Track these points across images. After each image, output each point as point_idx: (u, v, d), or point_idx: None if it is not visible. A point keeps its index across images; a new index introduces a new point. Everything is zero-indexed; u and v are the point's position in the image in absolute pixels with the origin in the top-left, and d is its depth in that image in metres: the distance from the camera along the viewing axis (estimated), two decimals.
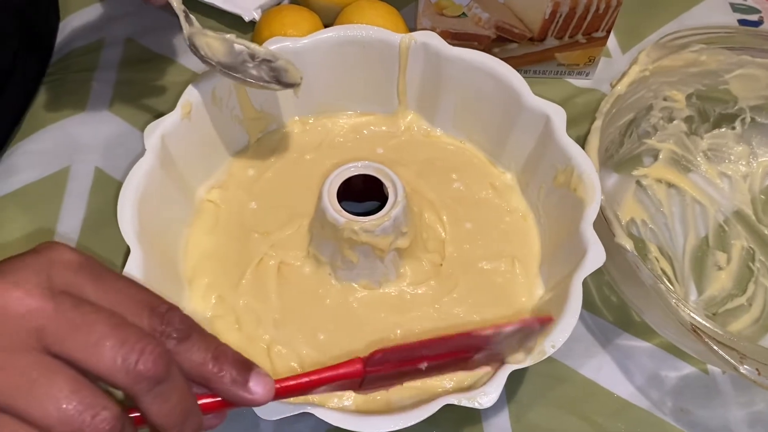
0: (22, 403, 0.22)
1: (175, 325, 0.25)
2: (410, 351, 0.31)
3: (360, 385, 0.31)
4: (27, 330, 0.23)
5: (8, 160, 0.52)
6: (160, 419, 0.24)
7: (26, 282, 0.23)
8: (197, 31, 0.43)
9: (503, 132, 0.46)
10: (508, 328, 0.32)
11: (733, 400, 0.43)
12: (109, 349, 0.23)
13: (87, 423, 0.23)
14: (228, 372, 0.26)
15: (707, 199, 0.51)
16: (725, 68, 0.49)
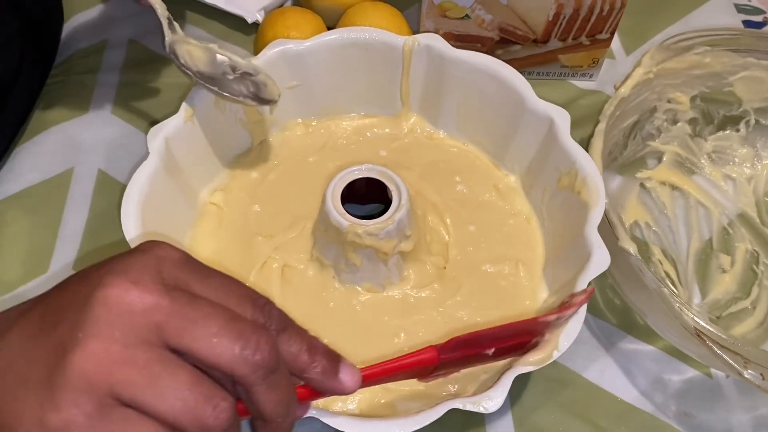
0: (147, 397, 0.23)
1: (275, 318, 0.27)
2: (481, 338, 0.33)
3: (431, 372, 0.32)
4: (147, 326, 0.24)
5: (11, 162, 0.52)
6: (270, 407, 0.26)
7: (142, 280, 0.24)
8: (180, 39, 0.43)
9: (507, 134, 0.46)
10: (570, 311, 0.34)
11: (737, 404, 0.43)
12: (228, 341, 0.24)
13: (209, 414, 0.24)
14: (320, 362, 0.27)
15: (711, 202, 0.51)
16: (730, 70, 0.49)
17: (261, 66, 0.45)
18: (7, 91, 0.53)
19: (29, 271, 0.47)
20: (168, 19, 0.42)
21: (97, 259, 0.47)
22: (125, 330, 0.24)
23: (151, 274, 0.25)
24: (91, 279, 0.25)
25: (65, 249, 0.48)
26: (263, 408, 0.25)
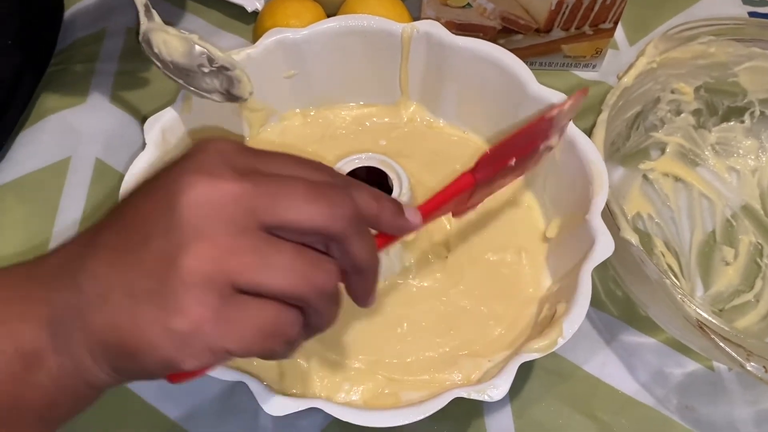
0: (263, 277, 0.24)
1: (341, 176, 0.28)
2: (503, 149, 0.35)
3: (468, 198, 0.35)
4: (242, 213, 0.24)
5: (9, 150, 0.52)
6: (365, 255, 0.27)
7: (218, 172, 0.25)
8: (156, 27, 0.42)
9: (507, 122, 0.46)
10: (566, 106, 0.37)
11: (739, 397, 0.42)
12: (317, 205, 0.25)
13: (320, 276, 0.25)
14: (388, 206, 0.29)
15: (715, 194, 0.50)
16: (734, 60, 0.48)
17: (257, 54, 0.45)
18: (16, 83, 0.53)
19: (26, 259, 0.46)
20: (145, 6, 0.42)
21: None
22: (222, 223, 0.24)
23: (224, 165, 0.25)
24: (164, 187, 0.25)
25: (62, 236, 0.47)
26: (360, 257, 0.26)
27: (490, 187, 0.36)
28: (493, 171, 0.35)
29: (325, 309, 0.26)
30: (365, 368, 0.39)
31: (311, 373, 0.39)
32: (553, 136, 0.38)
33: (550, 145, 0.38)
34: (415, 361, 0.39)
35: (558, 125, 0.38)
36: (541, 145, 0.38)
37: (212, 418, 0.40)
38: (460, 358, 0.39)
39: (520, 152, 0.36)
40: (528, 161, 0.38)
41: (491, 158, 0.34)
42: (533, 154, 0.38)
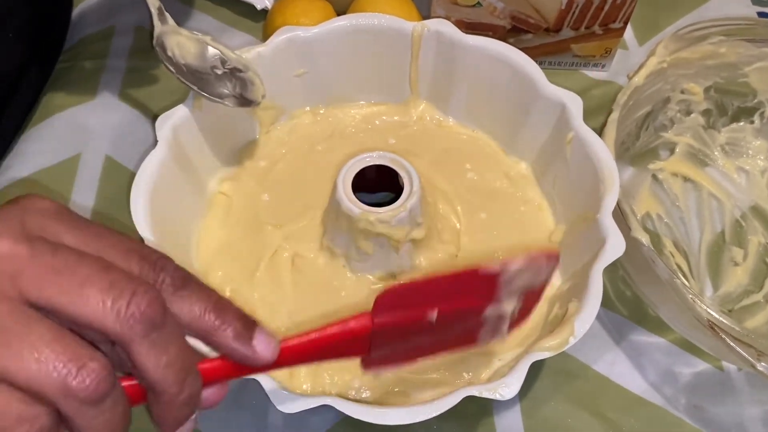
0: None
1: (169, 273, 0.23)
2: (417, 292, 0.28)
3: (369, 350, 0.28)
4: (4, 278, 0.21)
5: (19, 146, 0.52)
6: (157, 374, 0.22)
7: (3, 229, 0.21)
8: (170, 30, 0.42)
9: (518, 121, 0.46)
10: (515, 264, 0.29)
11: (748, 397, 0.42)
12: (96, 291, 0.21)
13: (73, 375, 0.20)
14: (231, 325, 0.24)
15: (724, 194, 0.50)
16: (744, 61, 0.48)
17: (267, 53, 0.45)
18: (20, 78, 0.53)
19: None
20: (158, 9, 0.42)
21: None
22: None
23: (11, 223, 0.22)
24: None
25: None
26: (150, 374, 0.22)
27: (404, 341, 0.29)
28: (401, 319, 0.28)
29: (80, 419, 0.21)
30: None
31: (321, 371, 0.39)
32: (504, 300, 0.30)
33: (502, 313, 0.30)
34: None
35: (510, 287, 0.30)
36: (486, 307, 0.30)
37: (222, 415, 0.40)
38: (470, 357, 0.39)
39: (444, 305, 0.28)
40: (464, 321, 0.30)
41: (395, 297, 0.28)
42: (470, 315, 0.30)
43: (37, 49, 0.55)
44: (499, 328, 0.30)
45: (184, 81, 0.41)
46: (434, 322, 0.28)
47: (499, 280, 0.29)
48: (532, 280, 0.30)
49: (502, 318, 0.30)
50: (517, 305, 0.30)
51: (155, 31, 0.41)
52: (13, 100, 0.52)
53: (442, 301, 0.28)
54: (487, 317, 0.30)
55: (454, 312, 0.29)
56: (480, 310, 0.30)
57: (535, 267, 0.30)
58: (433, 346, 0.30)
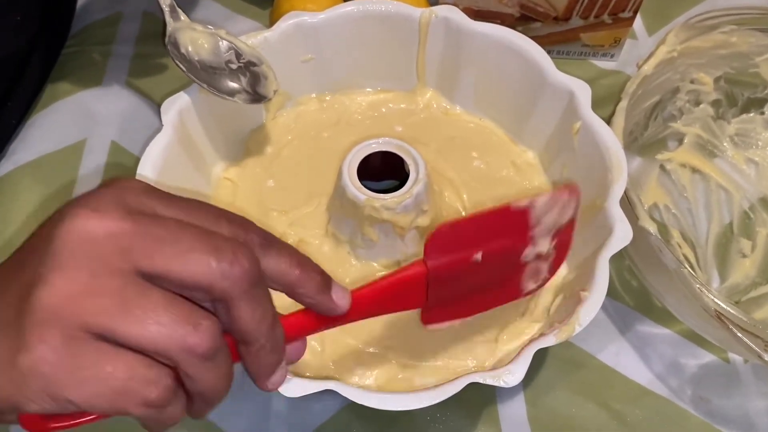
0: (120, 325, 0.22)
1: (256, 234, 0.25)
2: (461, 233, 0.30)
3: (426, 297, 0.30)
4: (113, 252, 0.22)
5: (25, 131, 0.52)
6: (252, 325, 0.24)
7: (103, 207, 0.23)
8: (184, 26, 0.41)
9: (525, 109, 0.45)
10: (541, 200, 0.30)
11: (754, 389, 0.42)
12: (201, 255, 0.23)
13: (190, 334, 0.22)
14: (313, 279, 0.26)
15: (733, 186, 0.50)
16: (756, 50, 0.48)
17: (274, 38, 0.44)
18: (26, 62, 0.53)
19: None
20: (170, 6, 0.41)
21: None
22: (90, 259, 0.22)
23: (112, 202, 0.23)
24: (54, 217, 0.24)
25: None
26: (244, 325, 0.24)
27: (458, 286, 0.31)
28: (454, 263, 0.30)
29: (198, 373, 0.23)
30: (379, 353, 0.39)
31: (325, 357, 0.39)
32: (538, 239, 0.31)
33: (539, 253, 0.32)
34: (429, 347, 0.39)
35: (540, 225, 0.31)
36: (524, 248, 0.31)
37: (226, 401, 0.40)
38: (474, 345, 0.39)
39: (487, 246, 0.30)
40: (506, 263, 0.32)
41: (442, 239, 0.29)
42: (510, 256, 0.31)
43: (44, 33, 0.55)
44: (538, 273, 0.32)
45: (196, 80, 0.41)
46: (480, 262, 0.30)
47: (529, 217, 0.30)
48: (559, 217, 0.31)
49: (540, 261, 0.32)
50: (551, 247, 0.32)
51: (168, 28, 0.41)
52: (18, 85, 0.52)
53: (484, 241, 0.30)
54: (526, 259, 0.31)
55: (497, 252, 0.30)
56: (518, 250, 0.31)
57: (560, 202, 0.31)
58: (484, 297, 0.32)
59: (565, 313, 0.35)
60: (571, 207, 0.32)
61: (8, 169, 0.50)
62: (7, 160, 0.50)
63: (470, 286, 0.31)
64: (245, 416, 0.40)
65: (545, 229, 0.31)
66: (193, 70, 0.41)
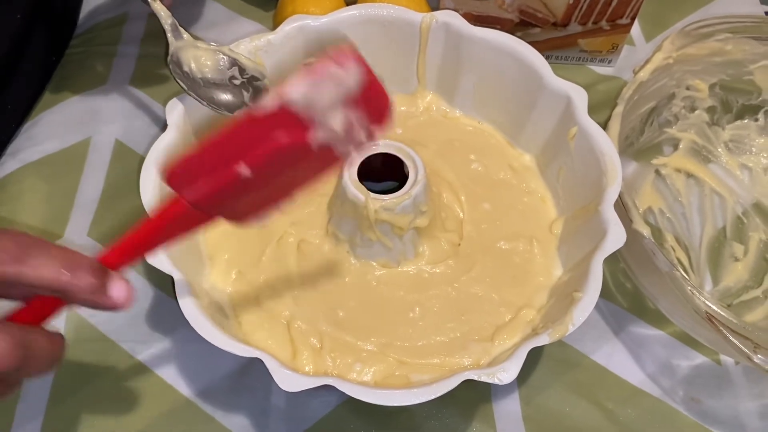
0: None
1: (7, 248, 0.25)
2: (209, 155, 0.27)
3: (208, 214, 0.28)
4: None
5: (31, 130, 0.53)
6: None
7: None
8: (187, 44, 0.42)
9: (523, 113, 0.46)
10: (294, 87, 0.25)
11: (745, 391, 0.43)
12: None
13: None
14: (85, 280, 0.26)
15: (726, 191, 0.50)
16: (750, 58, 0.49)
17: (277, 41, 0.45)
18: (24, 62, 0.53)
19: (46, 236, 0.47)
20: (172, 25, 0.42)
21: (110, 225, 0.48)
22: None
23: None
24: None
25: (81, 215, 0.48)
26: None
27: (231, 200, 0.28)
28: (215, 185, 0.27)
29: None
30: (377, 350, 0.40)
31: (324, 353, 0.39)
32: (323, 119, 0.26)
33: (336, 128, 0.26)
34: (425, 345, 0.40)
35: (316, 106, 0.26)
36: (303, 137, 0.26)
37: (226, 396, 0.41)
38: (470, 343, 0.40)
39: (248, 157, 0.27)
40: (295, 157, 0.27)
41: (185, 171, 0.27)
42: (293, 151, 0.27)
43: (47, 31, 0.55)
44: (354, 137, 0.27)
45: (197, 98, 0.41)
46: (252, 175, 0.27)
47: (289, 111, 0.26)
48: (339, 90, 0.26)
49: (347, 130, 0.27)
50: (351, 114, 0.27)
51: (170, 47, 0.41)
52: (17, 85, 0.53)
53: (245, 154, 0.27)
54: (322, 140, 0.27)
55: (266, 157, 0.27)
56: (297, 143, 0.27)
57: (326, 78, 0.26)
58: (290, 185, 0.29)
59: (559, 313, 0.36)
60: (352, 75, 0.26)
61: (14, 167, 0.51)
62: (13, 159, 0.51)
63: (262, 190, 0.28)
64: (244, 411, 0.41)
65: (327, 107, 0.26)
66: (194, 87, 0.41)
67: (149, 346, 0.43)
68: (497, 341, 0.40)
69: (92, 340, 0.43)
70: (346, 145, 0.28)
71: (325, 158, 0.28)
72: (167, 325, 0.43)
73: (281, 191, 0.29)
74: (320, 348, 0.40)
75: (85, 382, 0.41)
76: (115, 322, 0.44)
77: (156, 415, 0.41)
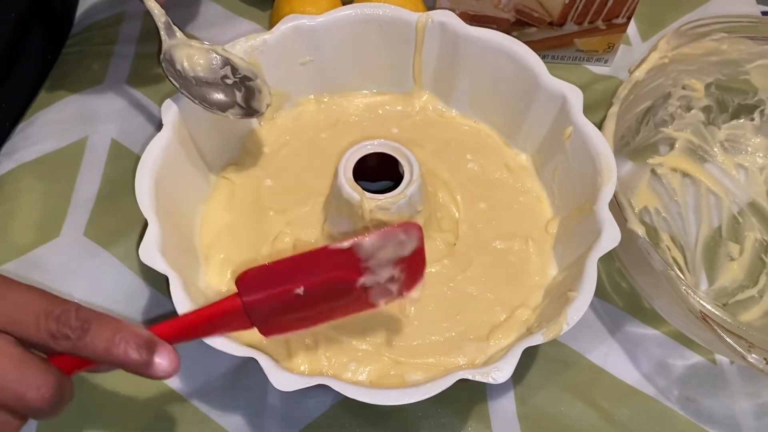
0: None
1: (70, 324, 0.28)
2: (278, 271, 0.32)
3: (251, 321, 0.32)
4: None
5: (27, 130, 0.53)
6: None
7: None
8: (179, 43, 0.42)
9: (519, 113, 0.46)
10: (368, 240, 0.32)
11: (740, 390, 0.43)
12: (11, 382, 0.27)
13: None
14: (133, 353, 0.29)
15: (722, 190, 0.51)
16: (746, 58, 0.49)
17: (273, 40, 0.45)
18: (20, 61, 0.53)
19: (42, 235, 0.47)
20: (166, 24, 0.42)
21: (106, 224, 0.48)
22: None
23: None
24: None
25: (77, 214, 0.48)
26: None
27: (283, 314, 0.33)
28: (272, 296, 0.32)
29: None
30: (372, 350, 0.40)
31: (319, 353, 0.39)
32: (376, 270, 0.33)
33: (380, 279, 0.33)
34: (421, 345, 0.40)
35: (375, 258, 0.32)
36: (356, 278, 0.33)
37: (221, 396, 0.41)
38: (465, 343, 0.40)
39: (308, 280, 0.32)
40: (339, 291, 0.33)
41: (254, 278, 0.31)
42: (341, 285, 0.33)
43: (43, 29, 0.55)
44: (389, 291, 0.34)
45: (189, 96, 0.41)
46: (303, 294, 0.32)
47: (356, 254, 0.32)
48: (397, 251, 0.33)
49: (386, 283, 0.33)
50: (396, 272, 0.33)
51: (163, 45, 0.41)
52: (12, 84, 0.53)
53: (306, 277, 0.32)
54: (366, 284, 0.33)
55: (321, 285, 0.32)
56: (348, 280, 0.33)
57: (394, 240, 0.32)
58: (323, 314, 0.34)
59: (554, 312, 0.36)
60: (411, 243, 0.33)
61: (10, 167, 0.51)
62: (9, 158, 0.51)
63: (301, 310, 0.33)
64: (240, 411, 0.41)
65: (382, 262, 0.33)
66: (187, 86, 0.41)
67: None
68: (492, 341, 0.40)
69: None
70: (380, 294, 0.34)
71: (360, 301, 0.34)
72: None
73: (314, 318, 0.34)
74: (315, 347, 0.40)
75: (81, 381, 0.41)
76: None
77: (152, 415, 0.41)
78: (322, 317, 0.34)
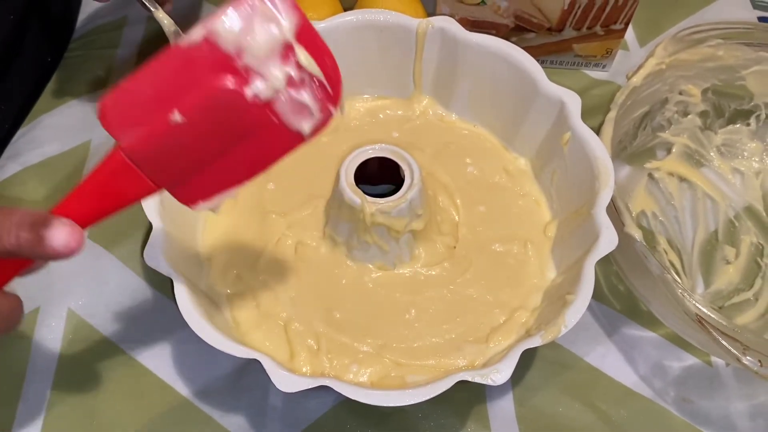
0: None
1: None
2: (139, 98, 0.25)
3: (147, 176, 0.27)
4: None
5: (30, 133, 0.53)
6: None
7: None
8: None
9: (518, 117, 0.47)
10: (223, 17, 0.24)
11: (735, 392, 0.43)
12: None
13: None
14: (24, 233, 0.26)
15: (718, 194, 0.51)
16: (742, 64, 0.49)
17: None
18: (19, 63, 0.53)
19: None
20: (175, 34, 0.42)
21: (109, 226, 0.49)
22: None
23: None
24: None
25: None
26: None
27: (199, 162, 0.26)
28: (147, 133, 0.26)
29: None
30: (373, 352, 0.40)
31: (321, 355, 0.40)
32: (264, 70, 0.24)
33: (275, 89, 0.25)
34: (421, 346, 0.41)
35: (247, 51, 0.24)
36: (243, 89, 0.24)
37: (223, 396, 0.42)
38: (465, 345, 0.41)
39: (178, 101, 0.25)
40: (230, 111, 0.25)
41: (121, 110, 0.26)
42: (226, 101, 0.25)
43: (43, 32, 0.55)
44: (302, 105, 0.25)
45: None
46: (185, 123, 0.25)
47: (219, 48, 0.24)
48: (272, 30, 0.24)
49: (291, 92, 0.25)
50: (291, 69, 0.24)
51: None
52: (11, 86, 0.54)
53: (174, 97, 0.25)
54: (260, 96, 0.24)
55: (198, 103, 0.25)
56: (230, 90, 0.24)
57: (257, 13, 0.24)
58: (237, 156, 0.26)
59: (552, 315, 0.37)
60: (284, 13, 0.24)
61: (15, 170, 0.51)
62: (13, 162, 0.52)
63: (201, 150, 0.26)
64: (242, 411, 0.41)
65: (261, 51, 0.24)
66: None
67: (148, 347, 0.43)
68: (492, 342, 0.40)
69: (91, 340, 0.43)
70: (293, 112, 0.25)
71: (273, 129, 0.25)
72: (166, 326, 0.44)
73: (230, 164, 0.26)
74: (317, 349, 0.40)
75: (85, 382, 0.42)
76: (114, 323, 0.44)
77: (154, 415, 0.41)
78: (238, 161, 0.26)
